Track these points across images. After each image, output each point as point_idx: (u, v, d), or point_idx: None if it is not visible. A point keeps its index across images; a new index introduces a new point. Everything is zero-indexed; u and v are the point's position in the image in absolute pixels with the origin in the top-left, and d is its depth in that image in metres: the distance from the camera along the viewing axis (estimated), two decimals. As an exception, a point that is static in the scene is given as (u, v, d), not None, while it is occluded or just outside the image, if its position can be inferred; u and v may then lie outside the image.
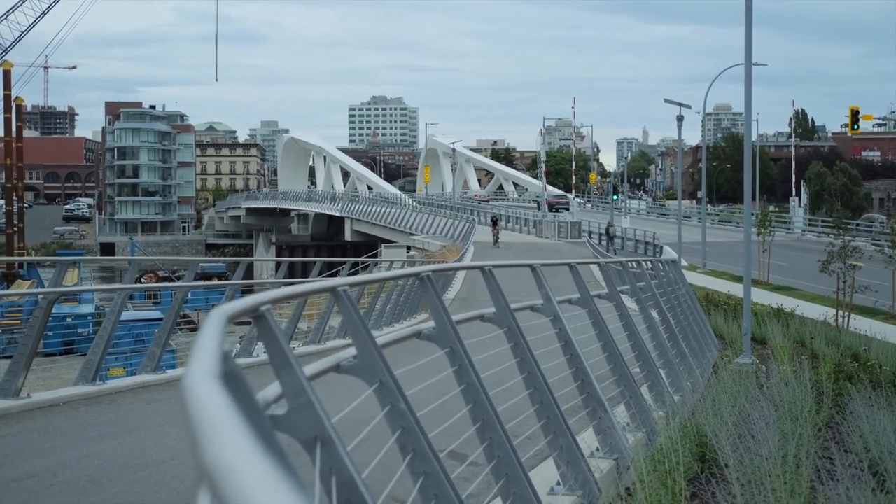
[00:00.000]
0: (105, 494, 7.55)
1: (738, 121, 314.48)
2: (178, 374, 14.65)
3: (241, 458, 1.50)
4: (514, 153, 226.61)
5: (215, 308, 3.12)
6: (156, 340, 14.91)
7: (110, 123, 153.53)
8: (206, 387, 1.88)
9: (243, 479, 1.44)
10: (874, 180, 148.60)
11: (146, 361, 14.60)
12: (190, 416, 1.74)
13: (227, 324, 2.83)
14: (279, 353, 3.49)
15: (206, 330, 2.60)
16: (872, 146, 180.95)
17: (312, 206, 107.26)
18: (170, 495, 7.55)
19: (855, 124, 54.09)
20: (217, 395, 1.87)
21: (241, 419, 1.76)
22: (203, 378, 1.97)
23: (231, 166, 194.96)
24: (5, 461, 8.75)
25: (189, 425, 1.70)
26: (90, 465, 8.56)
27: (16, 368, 11.87)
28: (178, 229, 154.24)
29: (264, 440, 2.72)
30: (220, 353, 2.30)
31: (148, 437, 10.02)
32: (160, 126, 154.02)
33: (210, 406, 1.76)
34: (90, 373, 13.09)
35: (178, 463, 8.63)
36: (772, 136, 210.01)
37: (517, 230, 71.78)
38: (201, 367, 2.09)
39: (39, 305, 12.42)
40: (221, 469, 1.47)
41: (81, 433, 10.23)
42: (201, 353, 2.25)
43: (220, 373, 2.16)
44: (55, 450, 9.33)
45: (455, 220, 62.65)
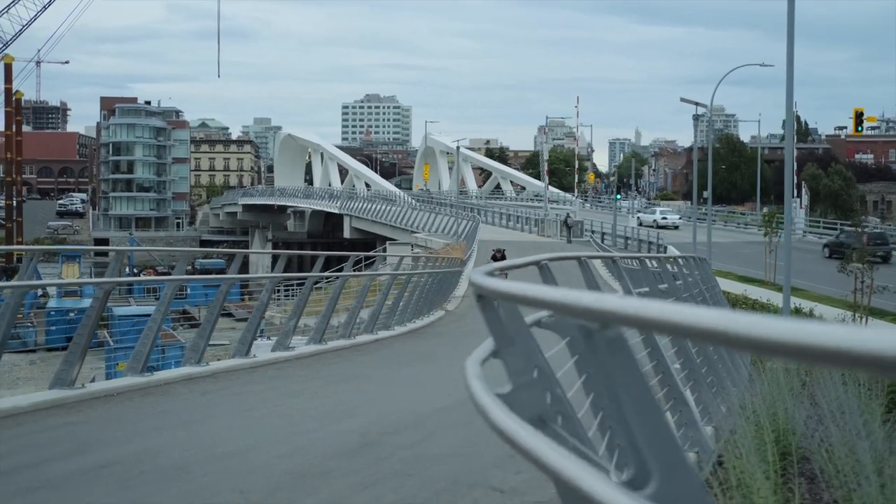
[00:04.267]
0: (198, 482, 7.54)
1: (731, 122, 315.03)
2: (223, 367, 14.67)
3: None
4: (508, 153, 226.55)
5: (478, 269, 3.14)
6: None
7: (105, 119, 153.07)
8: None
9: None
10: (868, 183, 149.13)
11: (189, 354, 14.61)
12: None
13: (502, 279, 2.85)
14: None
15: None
16: (866, 149, 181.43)
17: (310, 202, 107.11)
18: (263, 482, 7.55)
19: (859, 126, 54.41)
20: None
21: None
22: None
23: (225, 163, 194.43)
24: (85, 448, 8.74)
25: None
26: (173, 453, 8.54)
27: (72, 358, 11.86)
28: (172, 225, 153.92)
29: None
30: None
31: (216, 427, 10.02)
32: (155, 122, 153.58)
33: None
34: (139, 364, 13.10)
35: (261, 452, 8.64)
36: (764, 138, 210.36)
37: (518, 229, 71.84)
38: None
39: (95, 295, 12.38)
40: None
41: (147, 422, 10.22)
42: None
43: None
44: (128, 438, 9.32)
45: (458, 219, 62.63)
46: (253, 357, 15.65)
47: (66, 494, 7.20)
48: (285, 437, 9.41)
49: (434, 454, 8.56)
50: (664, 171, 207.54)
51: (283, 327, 17.44)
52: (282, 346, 16.86)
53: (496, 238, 57.29)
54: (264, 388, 13.09)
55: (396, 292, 25.14)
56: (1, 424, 9.81)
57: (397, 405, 11.66)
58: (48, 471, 7.85)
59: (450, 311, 30.43)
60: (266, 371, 14.84)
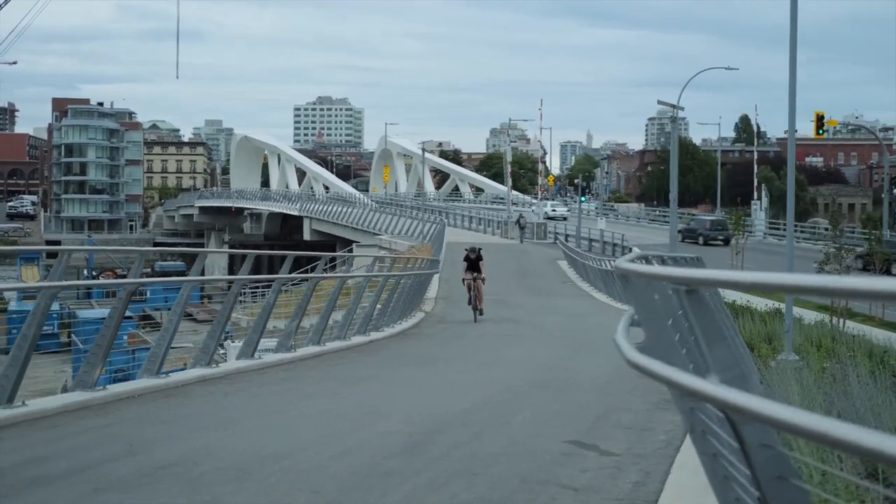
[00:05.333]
0: (264, 483, 7.49)
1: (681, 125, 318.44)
2: (232, 368, 14.58)
3: None
4: (461, 155, 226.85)
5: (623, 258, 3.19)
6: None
7: (57, 120, 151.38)
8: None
9: None
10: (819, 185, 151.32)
11: (199, 355, 14.51)
12: None
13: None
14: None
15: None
16: (815, 152, 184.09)
17: (269, 205, 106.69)
18: (331, 482, 7.51)
19: (820, 129, 55.01)
20: None
21: None
22: None
23: (178, 165, 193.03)
24: (136, 450, 8.64)
25: None
26: (222, 454, 8.48)
27: (94, 360, 11.74)
28: (125, 227, 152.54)
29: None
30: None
31: (253, 429, 9.92)
32: (108, 123, 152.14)
33: None
34: (155, 366, 12.99)
35: (311, 453, 8.59)
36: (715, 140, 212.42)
37: (481, 231, 72.00)
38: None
39: (119, 296, 12.26)
40: None
41: (181, 424, 10.13)
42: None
43: None
44: (171, 439, 9.23)
45: (422, 223, 62.60)
46: (259, 358, 15.59)
47: (138, 495, 7.13)
48: (328, 438, 9.37)
49: (489, 453, 8.56)
50: (617, 174, 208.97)
51: (287, 328, 17.36)
52: (284, 348, 16.81)
53: (461, 240, 57.35)
54: (281, 390, 13.03)
55: (372, 294, 25.11)
56: (36, 426, 9.70)
57: (421, 406, 11.64)
58: (110, 472, 7.77)
59: (429, 313, 30.43)
60: (276, 373, 14.78)
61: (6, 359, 10.67)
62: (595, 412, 10.91)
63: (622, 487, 7.30)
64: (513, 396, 12.32)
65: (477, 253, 28.55)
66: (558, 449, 8.74)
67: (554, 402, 11.65)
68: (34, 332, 11.14)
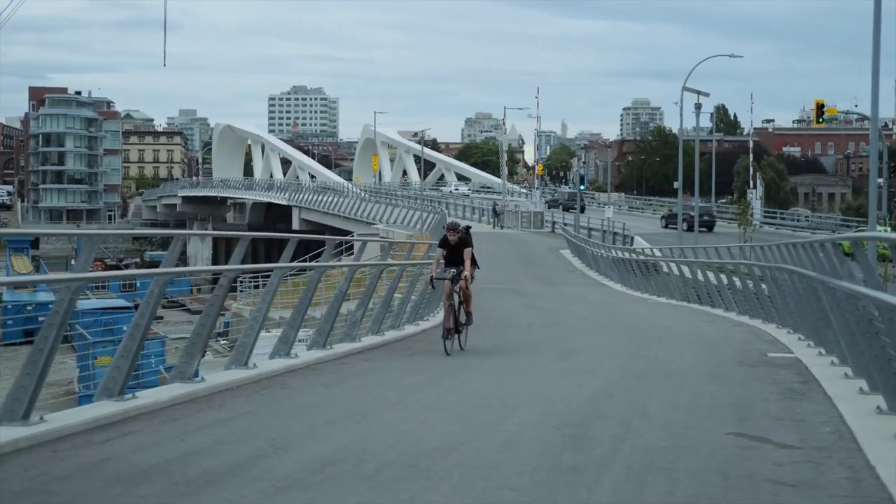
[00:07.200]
0: (453, 479, 7.05)
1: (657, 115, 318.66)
2: (313, 358, 14.11)
3: None
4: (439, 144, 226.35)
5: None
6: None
7: (34, 109, 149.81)
8: None
9: None
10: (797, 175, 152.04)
11: (279, 345, 14.01)
12: None
13: None
14: None
15: None
16: (793, 142, 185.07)
17: (255, 194, 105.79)
18: (516, 478, 7.08)
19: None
20: None
21: None
22: None
23: (154, 154, 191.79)
24: (280, 444, 8.18)
25: None
26: (378, 449, 7.99)
27: (192, 350, 11.29)
28: (104, 218, 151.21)
29: None
30: None
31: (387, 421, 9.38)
32: (86, 113, 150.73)
33: None
34: (243, 356, 12.54)
35: (472, 447, 8.15)
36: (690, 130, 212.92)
37: (475, 219, 71.66)
38: None
39: (220, 283, 11.79)
40: None
41: (306, 416, 9.64)
42: None
43: None
44: (312, 433, 8.75)
45: (422, 212, 61.94)
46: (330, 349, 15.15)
47: (325, 495, 6.66)
48: (475, 430, 8.90)
49: (659, 447, 8.14)
50: (595, 164, 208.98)
51: (351, 317, 16.94)
52: (349, 338, 16.40)
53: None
54: (376, 381, 12.54)
55: (388, 284, 24.49)
56: (154, 419, 9.23)
57: (540, 395, 11.09)
58: (273, 469, 7.29)
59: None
60: (355, 363, 14.33)
61: (116, 351, 10.20)
62: (728, 402, 10.53)
63: (839, 483, 6.93)
64: (628, 385, 11.92)
65: (461, 233, 16.58)
66: (728, 442, 8.35)
67: (676, 393, 11.26)
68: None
